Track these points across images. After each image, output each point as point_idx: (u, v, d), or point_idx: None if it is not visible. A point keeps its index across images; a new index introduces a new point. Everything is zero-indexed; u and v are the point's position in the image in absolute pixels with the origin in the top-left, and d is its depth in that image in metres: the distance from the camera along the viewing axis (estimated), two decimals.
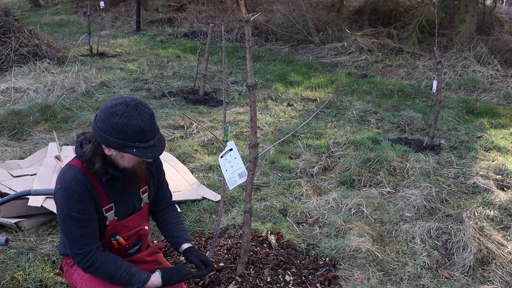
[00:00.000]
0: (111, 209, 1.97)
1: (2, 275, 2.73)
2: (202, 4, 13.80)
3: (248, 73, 2.31)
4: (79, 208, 1.85)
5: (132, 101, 1.80)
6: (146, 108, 1.82)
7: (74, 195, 1.84)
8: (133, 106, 1.78)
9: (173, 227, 2.25)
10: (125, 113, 1.77)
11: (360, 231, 3.33)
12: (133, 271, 1.95)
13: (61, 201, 1.85)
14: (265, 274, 2.73)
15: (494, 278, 2.91)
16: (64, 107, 5.78)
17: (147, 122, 1.79)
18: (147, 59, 8.75)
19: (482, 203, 3.74)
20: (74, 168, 1.89)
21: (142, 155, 1.80)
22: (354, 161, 4.42)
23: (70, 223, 1.85)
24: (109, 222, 1.98)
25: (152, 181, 2.16)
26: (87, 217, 1.87)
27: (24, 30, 8.13)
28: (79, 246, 1.87)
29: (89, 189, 1.88)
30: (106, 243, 2.02)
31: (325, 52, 9.77)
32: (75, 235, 1.86)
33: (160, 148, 1.86)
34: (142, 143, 1.80)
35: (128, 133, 1.77)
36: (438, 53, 4.78)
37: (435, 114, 4.78)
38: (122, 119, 1.76)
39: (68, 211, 1.84)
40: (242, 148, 4.74)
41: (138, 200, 2.09)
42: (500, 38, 9.47)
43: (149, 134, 1.81)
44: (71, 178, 1.86)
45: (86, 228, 1.87)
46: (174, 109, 5.89)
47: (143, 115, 1.79)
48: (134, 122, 1.76)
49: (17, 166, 3.88)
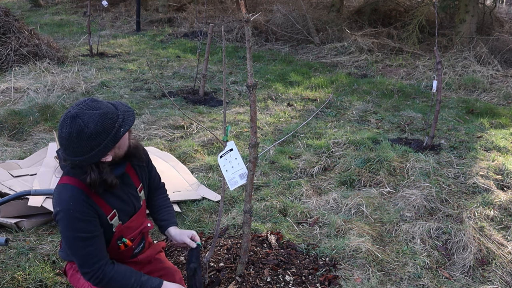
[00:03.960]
0: (115, 215, 1.96)
1: (2, 275, 2.73)
2: (202, 4, 13.80)
3: (248, 73, 2.31)
4: (82, 227, 1.82)
5: (71, 112, 1.76)
6: (80, 104, 1.78)
7: (76, 215, 1.81)
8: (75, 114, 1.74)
9: (160, 209, 2.27)
10: (84, 122, 1.73)
11: (360, 231, 3.33)
12: (144, 279, 1.95)
13: (64, 223, 1.82)
14: (265, 274, 2.73)
15: (494, 278, 2.91)
16: (64, 107, 5.78)
17: (100, 105, 1.78)
18: (147, 59, 8.75)
19: (482, 203, 3.74)
20: (68, 186, 1.84)
21: (127, 125, 1.81)
22: (354, 161, 4.42)
23: (76, 244, 1.83)
24: (115, 228, 1.97)
25: (144, 175, 2.16)
26: (92, 235, 1.85)
27: (24, 30, 8.13)
28: (88, 265, 1.86)
29: (89, 204, 1.85)
30: (113, 247, 2.01)
31: (325, 52, 9.77)
32: (81, 254, 1.85)
33: (126, 107, 1.87)
34: (117, 119, 1.79)
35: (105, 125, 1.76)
36: (438, 53, 4.78)
37: (435, 114, 4.78)
38: (90, 126, 1.73)
39: (72, 233, 1.82)
40: (242, 148, 4.74)
41: (137, 199, 2.09)
42: (500, 38, 9.47)
43: (111, 109, 1.80)
44: (69, 197, 1.82)
45: (92, 246, 1.85)
46: (174, 109, 5.89)
47: (89, 109, 1.76)
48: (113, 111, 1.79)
49: (17, 166, 3.88)
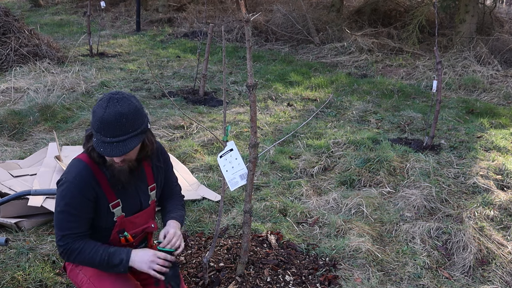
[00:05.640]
0: (118, 205, 1.97)
1: (2, 275, 2.73)
2: (202, 4, 13.80)
3: (248, 73, 2.31)
4: (74, 204, 1.86)
5: (114, 94, 1.80)
6: (120, 105, 1.75)
7: (74, 190, 1.85)
8: (108, 98, 1.77)
9: (172, 209, 2.21)
10: (100, 101, 1.79)
11: (360, 231, 3.33)
12: (111, 250, 1.90)
13: (61, 192, 1.87)
14: (265, 274, 2.73)
15: (494, 278, 2.91)
16: (64, 107, 5.78)
17: (110, 117, 1.74)
18: (147, 59, 8.75)
19: (482, 203, 3.74)
20: (82, 162, 1.90)
21: (97, 146, 1.78)
22: (354, 161, 4.42)
23: (62, 215, 1.87)
24: (117, 218, 1.97)
25: (160, 176, 2.15)
26: (78, 213, 1.88)
27: (24, 30, 8.13)
28: (64, 239, 1.88)
29: (92, 186, 1.88)
30: (114, 239, 2.02)
31: (325, 52, 9.77)
32: (62, 227, 1.88)
33: (120, 148, 1.76)
34: (102, 136, 1.76)
35: (94, 120, 1.78)
36: (438, 53, 4.79)
37: (435, 114, 4.78)
38: (95, 107, 1.79)
39: (63, 203, 1.86)
40: (242, 148, 4.74)
41: (146, 197, 2.08)
42: (500, 38, 9.46)
43: (110, 129, 1.75)
44: (77, 173, 1.87)
45: (74, 223, 1.88)
46: (174, 109, 5.89)
47: (110, 108, 1.74)
48: (98, 111, 1.76)
49: (17, 166, 3.88)
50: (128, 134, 1.77)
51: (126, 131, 1.76)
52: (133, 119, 1.78)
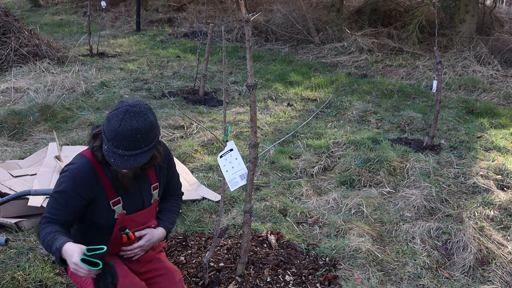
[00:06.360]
0: (119, 202, 1.98)
1: (2, 275, 2.73)
2: (202, 4, 13.80)
3: (248, 73, 2.31)
4: (64, 196, 1.89)
5: (132, 106, 1.78)
6: (136, 120, 1.76)
7: (69, 185, 1.88)
8: (126, 110, 1.77)
9: (164, 211, 2.26)
10: (116, 110, 1.79)
11: (360, 231, 3.33)
12: (54, 237, 1.83)
13: (59, 179, 1.92)
14: (265, 274, 2.73)
15: (494, 278, 2.91)
16: (64, 107, 5.78)
17: (126, 131, 1.74)
18: (147, 59, 8.75)
19: (482, 203, 3.74)
20: (84, 158, 1.93)
21: (107, 155, 1.78)
22: (354, 161, 4.42)
23: (51, 198, 1.91)
24: (118, 216, 1.98)
25: (163, 176, 2.16)
26: (64, 204, 1.89)
27: (24, 30, 8.12)
28: (43, 219, 1.91)
29: (91, 183, 1.90)
30: (116, 237, 2.02)
31: (325, 52, 9.77)
32: (47, 208, 1.92)
33: (132, 162, 1.77)
34: (114, 147, 1.77)
35: (108, 128, 1.79)
36: (438, 53, 4.79)
37: (435, 114, 4.78)
38: (110, 114, 1.79)
39: (56, 189, 1.91)
40: (242, 148, 4.74)
41: (148, 196, 2.09)
42: (500, 38, 9.46)
43: (124, 143, 1.75)
44: (78, 166, 1.90)
45: (57, 211, 1.90)
46: (174, 109, 5.89)
47: (127, 121, 1.75)
48: (114, 122, 1.77)
49: (17, 166, 3.88)
50: (140, 149, 1.79)
51: (139, 146, 1.78)
52: (147, 135, 1.80)
